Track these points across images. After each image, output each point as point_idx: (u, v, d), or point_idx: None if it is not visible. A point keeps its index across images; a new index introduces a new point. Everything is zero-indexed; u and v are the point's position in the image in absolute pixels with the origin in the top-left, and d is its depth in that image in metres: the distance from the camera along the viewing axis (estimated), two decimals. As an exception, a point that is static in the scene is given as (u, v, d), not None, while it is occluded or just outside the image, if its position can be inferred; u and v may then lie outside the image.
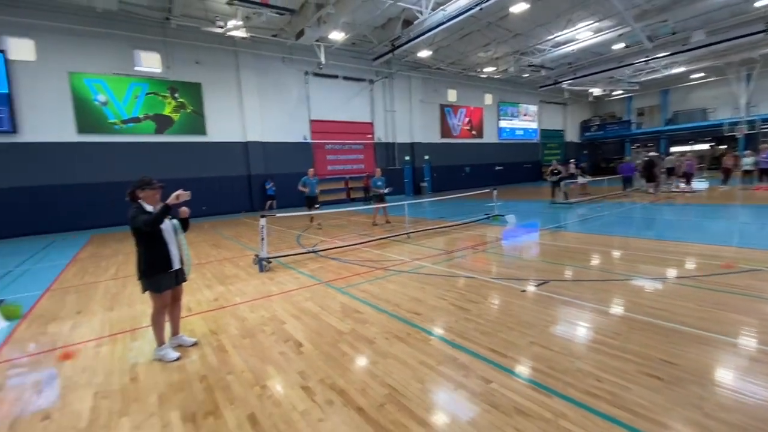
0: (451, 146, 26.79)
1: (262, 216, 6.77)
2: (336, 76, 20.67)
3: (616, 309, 4.15)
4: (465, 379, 2.91)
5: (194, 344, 3.78)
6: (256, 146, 18.37)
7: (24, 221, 13.58)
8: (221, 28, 14.31)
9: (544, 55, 21.59)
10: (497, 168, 29.70)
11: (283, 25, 16.37)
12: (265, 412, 2.65)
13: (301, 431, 2.44)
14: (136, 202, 3.38)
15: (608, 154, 35.96)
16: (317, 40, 16.64)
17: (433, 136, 25.64)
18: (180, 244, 3.61)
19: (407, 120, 23.88)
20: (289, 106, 19.42)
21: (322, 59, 17.60)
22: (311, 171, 12.07)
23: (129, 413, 2.73)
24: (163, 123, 16.11)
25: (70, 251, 9.92)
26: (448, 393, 2.77)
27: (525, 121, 31.70)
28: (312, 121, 20.19)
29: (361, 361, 3.31)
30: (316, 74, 19.81)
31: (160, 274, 3.43)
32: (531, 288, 4.96)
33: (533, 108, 32.25)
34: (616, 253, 6.67)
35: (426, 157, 25.02)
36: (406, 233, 9.07)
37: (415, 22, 15.56)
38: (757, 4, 17.11)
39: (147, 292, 3.47)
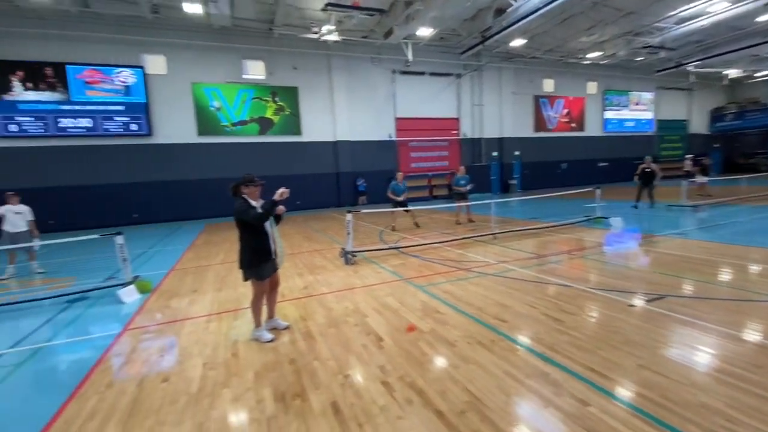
0: (546, 140, 24.79)
1: (348, 212, 7.03)
2: (422, 73, 20.59)
3: (755, 336, 3.37)
4: (556, 397, 2.63)
5: (287, 328, 4.08)
6: (345, 145, 19.25)
7: (156, 210, 16.23)
8: (316, 33, 15.27)
9: (665, 33, 18.65)
10: (601, 164, 26.64)
11: (373, 26, 16.82)
12: (347, 402, 2.72)
13: (380, 426, 2.44)
14: (240, 197, 3.69)
15: (747, 149, 29.74)
16: (405, 38, 16.76)
17: (525, 130, 24.02)
18: (274, 237, 3.89)
19: (496, 114, 22.75)
20: (375, 105, 19.93)
21: (410, 56, 17.68)
22: (400, 175, 11.30)
23: (230, 385, 3.04)
24: (265, 125, 17.82)
25: (189, 237, 11.55)
26: (537, 410, 2.52)
27: (637, 111, 27.85)
28: (397, 119, 20.44)
29: (442, 363, 3.21)
30: (403, 72, 19.97)
31: (262, 264, 3.73)
32: (641, 303, 4.31)
33: (648, 96, 28.16)
34: (757, 268, 5.46)
35: (516, 153, 23.57)
36: (492, 234, 8.63)
37: (509, 10, 14.70)
38: None
39: (249, 280, 3.80)
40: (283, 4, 14.21)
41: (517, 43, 18.59)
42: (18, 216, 7.30)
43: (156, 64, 16.00)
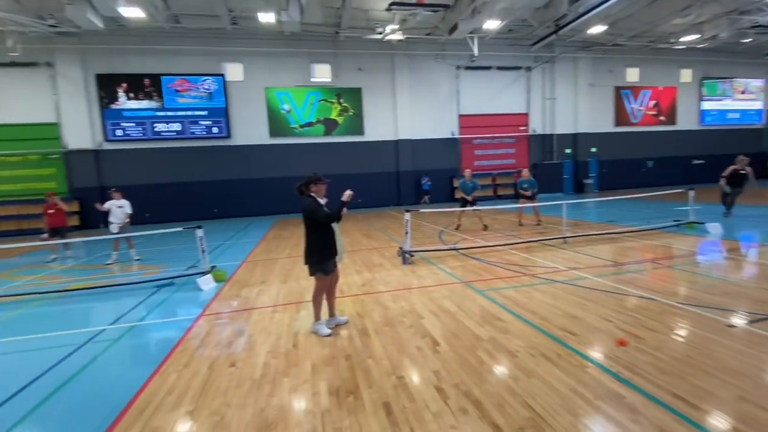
0: (629, 136, 22.45)
1: (407, 211, 7.00)
2: (489, 68, 19.82)
3: None
4: (633, 423, 2.33)
5: (346, 323, 4.17)
6: (406, 144, 19.27)
7: (233, 206, 17.67)
8: (380, 34, 15.45)
9: (783, 7, 15.84)
10: (696, 162, 23.48)
11: (437, 23, 16.56)
12: (399, 404, 2.68)
13: (432, 434, 2.38)
14: (308, 195, 3.85)
15: None
16: (470, 33, 16.25)
17: (604, 125, 21.99)
18: (336, 235, 3.99)
19: (570, 108, 21.14)
20: (438, 102, 19.65)
21: (475, 51, 17.13)
22: (468, 172, 10.84)
23: (289, 375, 3.18)
24: (330, 126, 18.49)
25: (261, 232, 12.40)
26: (610, 438, 2.26)
27: (742, 100, 24.07)
28: (461, 116, 19.95)
29: (501, 374, 3.03)
30: (468, 67, 19.41)
31: (328, 260, 3.89)
32: (742, 323, 3.69)
33: (757, 83, 24.19)
34: None
35: (593, 150, 21.70)
36: (562, 237, 8.02)
37: (586, -5, 13.53)
38: None
39: (314, 275, 3.93)
40: (349, 7, 14.59)
41: (596, 29, 17.05)
42: (120, 210, 8.42)
43: (234, 71, 17.40)
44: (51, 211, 8.94)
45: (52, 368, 3.53)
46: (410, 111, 19.23)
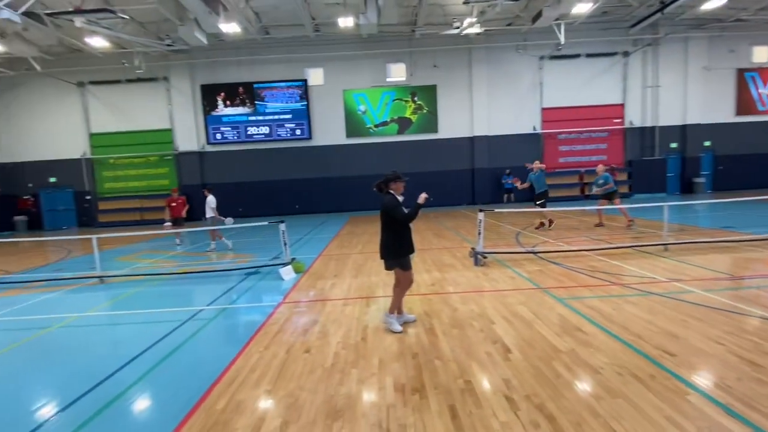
0: (755, 126, 18.89)
1: (480, 210, 6.76)
2: (577, 56, 18.21)
3: None
4: (751, 470, 1.96)
5: (413, 321, 4.18)
6: (482, 140, 18.62)
7: (312, 203, 18.79)
8: (458, 28, 15.09)
9: None
10: None
11: (518, 12, 15.67)
12: (465, 409, 2.61)
13: (499, 444, 2.27)
14: (386, 192, 3.96)
15: None
16: (556, 19, 15.07)
17: (722, 114, 18.80)
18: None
19: (678, 96, 18.45)
20: (518, 96, 18.62)
21: (562, 39, 15.83)
22: (536, 164, 10.43)
23: (357, 366, 3.29)
24: (404, 124, 18.65)
25: (335, 228, 13.00)
26: (717, 480, 1.94)
27: None
28: (544, 110, 18.65)
29: (581, 391, 2.78)
30: (553, 57, 18.06)
31: (405, 256, 3.98)
32: None
33: None
34: None
35: (706, 144, 18.72)
36: (663, 244, 7.06)
37: (702, -36, 11.66)
38: None
39: (394, 270, 4.03)
40: (426, 3, 14.50)
41: (713, 4, 14.61)
42: (208, 205, 9.66)
43: (316, 76, 18.45)
44: (173, 204, 10.67)
45: (161, 339, 4.12)
46: (488, 106, 18.53)
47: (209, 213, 9.64)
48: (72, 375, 3.46)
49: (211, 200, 9.69)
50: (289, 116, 18.49)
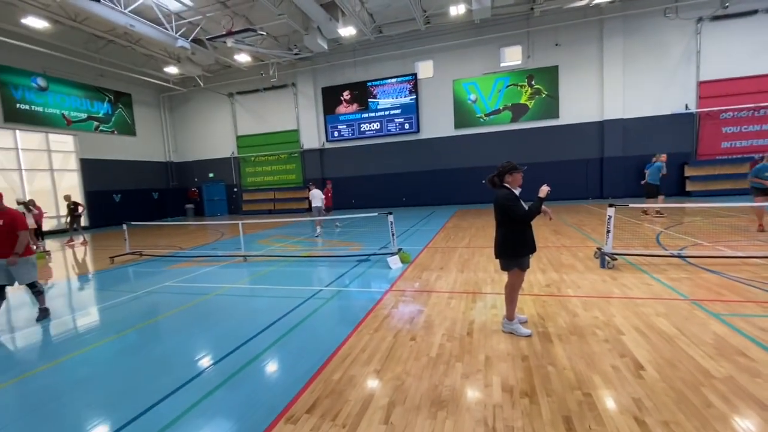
0: None
1: (611, 205, 5.93)
2: (752, 12, 14.42)
3: None
4: None
5: (524, 322, 3.90)
6: (614, 125, 16.25)
7: (418, 195, 19.03)
8: None
9: None
10: None
11: (668, -32, 13.09)
12: (584, 424, 2.37)
13: (626, 470, 2.00)
14: (501, 186, 3.61)
15: None
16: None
17: None
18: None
19: None
20: (665, 70, 15.65)
21: (729, -7, 12.73)
22: (661, 157, 10.60)
23: (462, 361, 3.25)
24: (518, 111, 17.43)
25: (441, 221, 12.94)
26: None
27: None
28: (701, 84, 15.31)
29: (742, 428, 2.25)
30: (716, 18, 14.66)
31: (524, 256, 3.65)
32: None
33: None
34: None
35: None
36: None
37: None
38: None
39: (508, 270, 3.72)
40: (547, -23, 13.20)
41: None
42: (315, 197, 11.68)
43: (425, 69, 18.51)
44: (329, 195, 12.72)
45: (287, 314, 4.72)
46: (622, 85, 16.06)
47: (316, 203, 11.69)
48: (223, 335, 4.23)
49: (316, 193, 11.73)
50: (398, 111, 19.00)
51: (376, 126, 19.48)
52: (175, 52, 16.93)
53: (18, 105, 15.82)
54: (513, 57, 17.28)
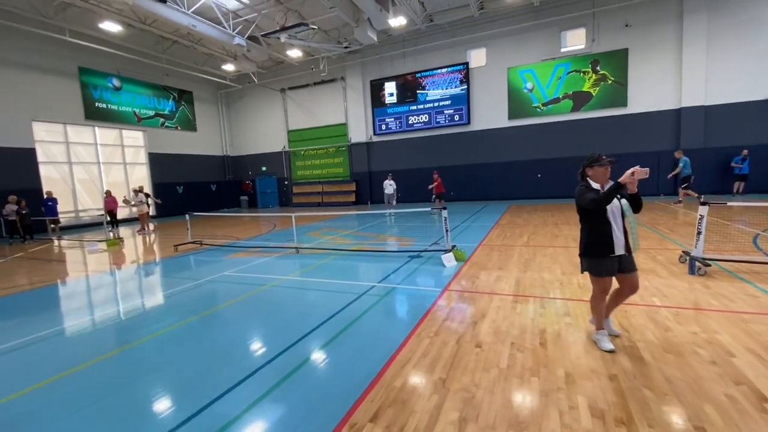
0: None
1: (703, 203, 5.17)
2: None
3: None
4: None
5: (617, 336, 3.41)
6: (695, 112, 14.58)
7: (467, 190, 18.38)
8: (664, -28, 11.98)
9: None
10: None
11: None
12: (702, 467, 1.96)
13: None
14: (584, 180, 3.25)
15: None
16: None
17: None
18: (628, 228, 3.16)
19: None
20: (756, 50, 13.72)
21: None
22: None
23: (539, 376, 2.91)
24: (580, 100, 16.18)
25: (494, 216, 12.33)
26: None
27: None
28: (804, 63, 13.25)
29: None
30: (829, -15, 12.54)
31: (599, 257, 3.15)
32: None
33: None
34: None
35: None
36: None
37: None
38: None
39: (587, 273, 3.29)
40: (620, -50, 11.98)
41: None
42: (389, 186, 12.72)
43: (478, 57, 17.73)
44: (436, 183, 13.82)
45: (342, 310, 4.60)
46: (705, 67, 14.34)
47: (388, 191, 14.49)
48: (280, 328, 4.20)
49: (386, 183, 13.89)
50: (448, 102, 18.42)
51: (424, 118, 19.05)
52: (232, 49, 17.61)
53: (96, 104, 17.32)
54: (575, 41, 16.02)
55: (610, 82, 15.65)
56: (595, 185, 3.15)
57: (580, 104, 16.17)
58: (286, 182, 23.57)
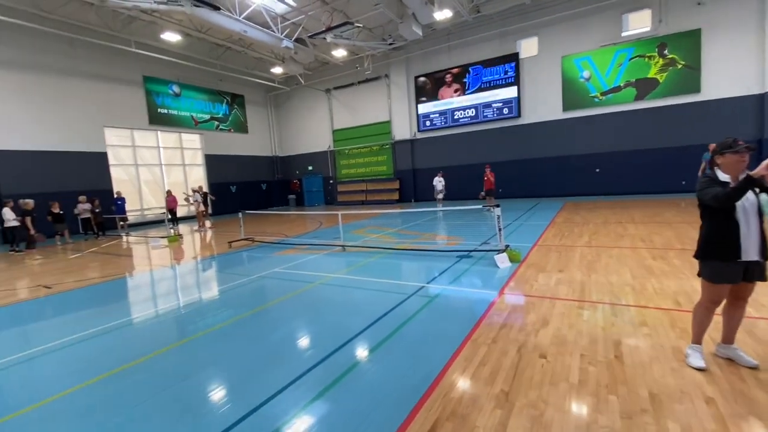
0: None
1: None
2: None
3: None
4: None
5: (754, 367, 2.74)
6: (783, 96, 12.83)
7: (516, 186, 17.55)
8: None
9: None
10: None
11: None
12: None
13: None
14: (712, 169, 2.76)
15: None
16: None
17: None
18: (765, 229, 2.64)
19: None
20: None
21: None
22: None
23: (617, 395, 2.57)
24: (645, 87, 14.84)
25: (549, 214, 11.62)
26: None
27: None
28: None
29: None
30: None
31: (720, 260, 2.66)
32: None
33: None
34: None
35: None
36: None
37: None
38: None
39: (700, 278, 2.84)
40: None
41: None
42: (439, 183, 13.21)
43: (529, 47, 16.85)
44: (486, 178, 13.25)
45: (391, 311, 4.46)
46: (798, 45, 12.53)
47: (439, 189, 14.34)
48: (329, 328, 4.14)
49: (437, 180, 14.36)
50: (496, 95, 17.70)
51: (471, 113, 18.47)
52: (280, 52, 18.15)
53: (159, 110, 18.62)
54: (639, 23, 14.70)
55: (680, 66, 14.18)
56: (724, 177, 2.62)
57: (645, 92, 14.81)
58: (331, 181, 23.98)
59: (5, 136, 13.75)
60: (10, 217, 11.25)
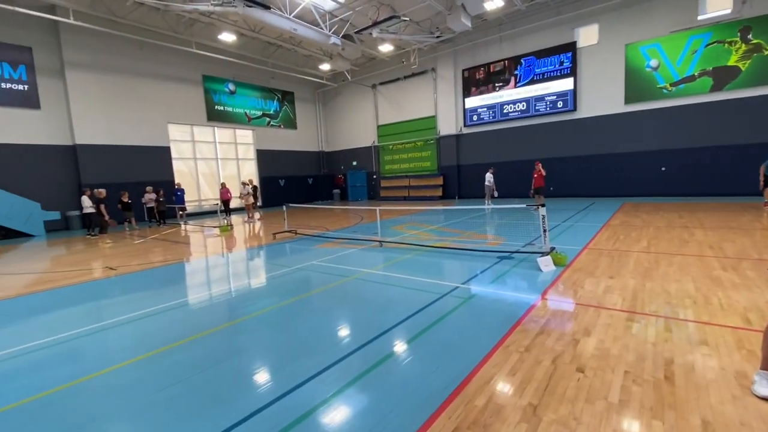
0: None
1: None
2: None
3: None
4: None
5: None
6: None
7: (570, 185, 16.51)
8: None
9: None
10: None
11: None
12: None
13: None
14: None
15: None
16: None
17: None
18: None
19: None
20: None
21: None
22: None
23: (664, 420, 2.31)
24: (723, 77, 13.26)
25: (604, 215, 10.81)
26: None
27: None
28: None
29: None
30: None
31: None
32: None
33: None
34: None
35: None
36: None
37: None
38: None
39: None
40: None
41: None
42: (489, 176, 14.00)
43: (588, 35, 15.71)
44: (536, 175, 12.86)
45: (422, 310, 4.38)
46: None
47: (488, 182, 14.18)
48: (360, 322, 4.16)
49: (486, 176, 14.31)
50: (550, 88, 16.72)
51: (521, 107, 17.64)
52: (328, 49, 18.48)
53: (216, 107, 19.80)
54: (719, 5, 13.09)
55: (766, 53, 12.48)
56: None
57: (724, 82, 13.22)
58: (374, 176, 24.14)
59: (86, 132, 15.36)
60: (88, 204, 12.57)
